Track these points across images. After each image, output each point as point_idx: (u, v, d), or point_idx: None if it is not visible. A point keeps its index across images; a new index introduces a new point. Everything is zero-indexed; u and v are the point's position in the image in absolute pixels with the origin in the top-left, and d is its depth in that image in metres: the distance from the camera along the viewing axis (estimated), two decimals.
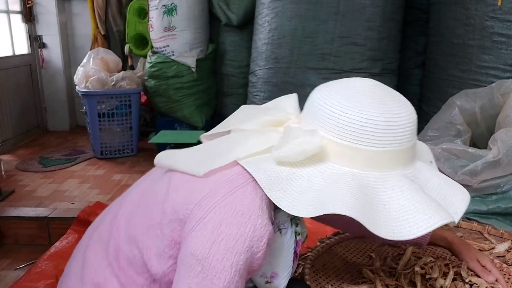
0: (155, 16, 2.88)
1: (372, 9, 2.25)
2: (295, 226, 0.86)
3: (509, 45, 2.04)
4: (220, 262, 0.69)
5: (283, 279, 0.84)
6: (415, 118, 0.75)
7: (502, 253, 1.20)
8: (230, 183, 0.74)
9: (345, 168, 0.72)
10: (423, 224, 0.65)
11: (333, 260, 1.19)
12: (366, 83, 0.77)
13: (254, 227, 0.71)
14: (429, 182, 0.76)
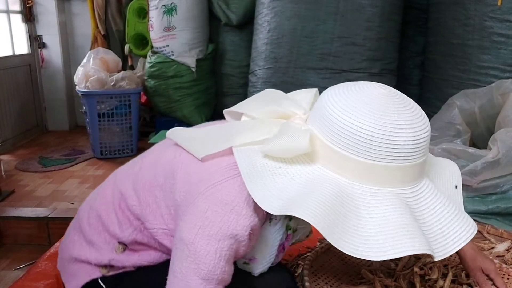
0: (155, 16, 2.88)
1: (371, 9, 2.25)
2: (288, 220, 0.87)
3: (509, 45, 2.05)
4: (204, 247, 0.73)
5: (260, 265, 0.86)
6: (424, 136, 0.70)
7: (502, 252, 1.20)
8: (221, 174, 0.77)
9: (334, 174, 0.71)
10: (391, 250, 0.63)
11: (332, 260, 1.19)
12: (378, 91, 0.72)
13: (238, 216, 0.74)
14: (430, 209, 0.71)
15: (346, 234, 0.64)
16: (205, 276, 0.73)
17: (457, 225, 0.71)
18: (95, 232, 0.92)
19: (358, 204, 0.68)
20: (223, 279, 0.75)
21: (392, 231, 0.64)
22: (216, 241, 0.73)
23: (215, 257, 0.73)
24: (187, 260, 0.74)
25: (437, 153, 1.90)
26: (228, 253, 0.74)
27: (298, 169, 0.73)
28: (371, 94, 0.71)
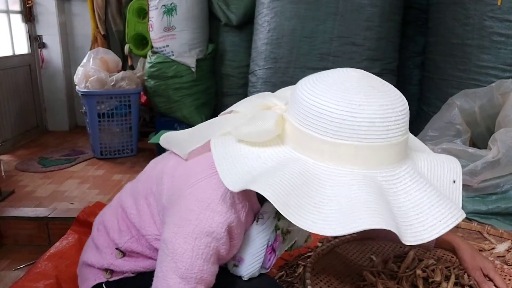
0: (154, 16, 2.88)
1: (371, 9, 2.25)
2: (277, 220, 0.85)
3: (508, 44, 2.04)
4: (181, 246, 0.74)
5: (248, 266, 0.85)
6: (396, 113, 0.67)
7: (502, 253, 1.20)
8: (200, 173, 0.79)
9: (302, 156, 0.70)
10: (349, 224, 0.60)
11: (334, 262, 1.18)
12: (349, 73, 0.72)
13: (213, 213, 0.75)
14: (407, 194, 0.68)
15: (305, 211, 0.63)
16: (183, 275, 0.74)
17: (437, 213, 0.67)
18: (101, 236, 0.97)
19: (323, 184, 0.66)
20: (202, 279, 0.75)
21: (353, 207, 0.62)
22: (193, 239, 0.74)
23: (192, 255, 0.74)
24: (166, 259, 0.76)
25: (437, 153, 1.90)
26: (206, 252, 0.75)
27: (270, 153, 0.73)
28: (340, 76, 0.71)
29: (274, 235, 0.86)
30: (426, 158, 0.77)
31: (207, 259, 0.75)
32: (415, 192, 0.68)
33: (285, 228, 0.88)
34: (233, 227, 0.78)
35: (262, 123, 0.72)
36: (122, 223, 0.93)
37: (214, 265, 0.78)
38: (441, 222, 0.66)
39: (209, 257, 0.76)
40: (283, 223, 0.87)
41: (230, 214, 0.77)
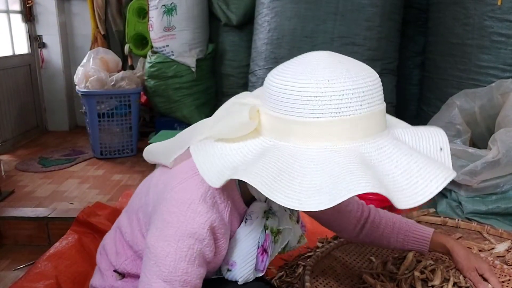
0: (155, 16, 2.88)
1: (371, 9, 2.25)
2: (265, 220, 0.84)
3: (508, 44, 2.04)
4: (164, 249, 0.73)
5: (241, 269, 0.84)
6: (366, 82, 0.67)
7: (502, 253, 1.20)
8: (180, 176, 0.78)
9: (281, 142, 0.69)
10: (338, 194, 0.59)
11: (333, 264, 1.18)
12: (316, 55, 0.71)
13: (194, 214, 0.74)
14: (394, 161, 0.67)
15: (290, 190, 0.62)
16: (167, 278, 0.73)
17: (427, 174, 0.65)
18: (102, 260, 0.98)
19: (306, 164, 0.65)
20: (186, 282, 0.74)
21: (338, 178, 0.61)
22: (175, 241, 0.73)
23: (175, 258, 0.73)
24: (150, 263, 0.75)
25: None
26: (189, 254, 0.74)
27: (250, 146, 0.72)
28: (306, 58, 0.71)
29: (263, 235, 0.84)
30: (409, 131, 0.77)
31: (191, 261, 0.74)
32: (401, 159, 0.67)
33: (275, 227, 0.86)
34: (215, 227, 0.77)
35: (236, 117, 0.72)
36: (119, 245, 0.94)
37: (199, 267, 0.76)
38: (433, 182, 0.65)
39: (193, 259, 0.74)
40: (272, 222, 0.85)
41: (211, 214, 0.75)
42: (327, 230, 1.79)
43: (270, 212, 0.85)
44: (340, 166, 0.63)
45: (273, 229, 0.86)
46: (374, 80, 0.68)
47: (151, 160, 0.92)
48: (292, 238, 0.92)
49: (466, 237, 1.32)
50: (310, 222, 1.90)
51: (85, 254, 1.62)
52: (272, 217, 0.85)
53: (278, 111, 0.69)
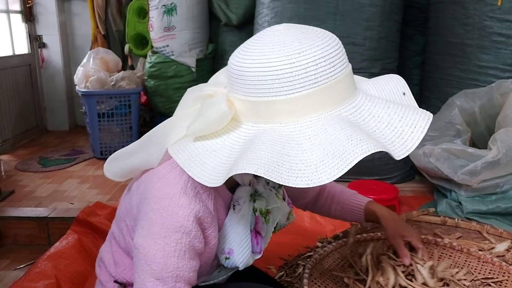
0: (155, 16, 2.88)
1: (371, 9, 2.25)
2: (253, 202, 0.84)
3: (508, 44, 2.04)
4: (152, 247, 0.73)
5: (239, 255, 0.83)
6: (334, 47, 0.68)
7: (502, 252, 1.20)
8: (158, 173, 0.78)
9: (267, 125, 0.69)
10: (343, 163, 0.61)
11: (333, 267, 1.18)
12: (275, 30, 0.71)
13: (177, 208, 0.74)
14: (376, 117, 0.70)
15: (295, 170, 0.62)
16: (158, 276, 0.73)
17: (409, 121, 0.70)
18: (102, 272, 0.97)
19: (300, 140, 0.65)
20: (179, 276, 0.74)
21: (338, 147, 0.63)
22: (162, 238, 0.73)
23: (164, 255, 0.73)
24: (140, 263, 0.75)
25: (437, 153, 1.90)
26: (178, 248, 0.74)
27: (234, 137, 0.72)
28: (268, 36, 0.71)
29: (254, 218, 0.84)
30: (371, 83, 0.80)
31: (181, 255, 0.74)
32: (381, 113, 0.70)
33: (263, 208, 0.86)
34: (201, 217, 0.76)
35: (213, 110, 0.71)
36: (116, 256, 0.93)
37: (191, 260, 0.76)
38: (416, 127, 0.70)
39: (183, 253, 0.74)
40: (260, 203, 0.85)
41: (194, 205, 0.75)
42: (327, 230, 1.79)
43: (257, 195, 0.85)
44: (335, 135, 0.64)
45: (262, 210, 0.85)
46: (338, 43, 0.71)
47: (120, 177, 0.95)
48: (281, 216, 0.92)
49: (465, 237, 1.32)
50: (309, 222, 1.91)
51: (85, 254, 1.62)
52: (259, 198, 0.85)
53: (255, 95, 0.68)
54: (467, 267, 1.13)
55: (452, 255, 1.20)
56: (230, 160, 0.68)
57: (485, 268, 1.14)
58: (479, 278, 1.08)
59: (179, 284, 0.75)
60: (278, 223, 0.92)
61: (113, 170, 0.93)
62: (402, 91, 0.79)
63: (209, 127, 0.71)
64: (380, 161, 2.36)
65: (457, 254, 1.21)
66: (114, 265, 0.93)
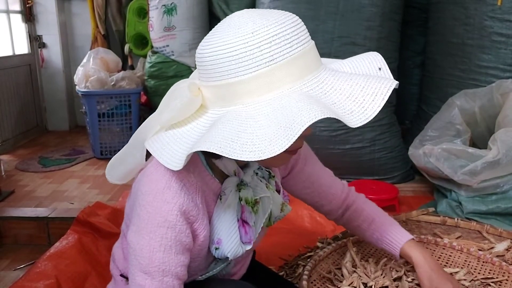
0: (155, 15, 2.88)
1: (371, 8, 2.25)
2: (238, 192, 0.84)
3: (509, 44, 2.04)
4: (139, 242, 0.76)
5: (228, 245, 0.83)
6: (291, 23, 0.69)
7: (502, 252, 1.20)
8: (147, 171, 0.80)
9: (230, 107, 0.70)
10: (295, 127, 0.62)
11: (331, 268, 1.18)
12: (234, 15, 0.73)
13: (161, 203, 0.75)
14: (338, 89, 0.70)
15: (249, 145, 0.63)
16: (145, 269, 0.75)
17: (371, 89, 0.68)
18: (113, 267, 1.00)
19: (258, 118, 0.66)
20: (165, 271, 0.76)
21: (291, 117, 0.64)
22: (147, 233, 0.75)
23: (149, 249, 0.75)
24: (131, 258, 0.78)
25: (437, 153, 1.90)
26: (164, 243, 0.75)
27: (201, 123, 0.74)
28: (227, 21, 0.73)
29: (240, 207, 0.84)
30: (347, 62, 0.80)
31: (166, 250, 0.75)
32: (343, 86, 0.70)
33: (249, 198, 0.85)
34: (186, 210, 0.77)
35: (178, 99, 0.73)
36: (126, 251, 0.94)
37: (178, 255, 0.77)
38: (378, 95, 0.68)
39: (169, 248, 0.75)
40: (245, 192, 0.85)
41: (178, 198, 0.76)
42: (327, 230, 1.79)
43: (242, 184, 0.85)
44: (290, 108, 0.65)
45: (248, 199, 0.85)
46: (296, 21, 0.71)
47: (123, 179, 0.96)
48: (274, 207, 0.90)
49: (465, 236, 1.32)
50: (309, 222, 1.91)
51: (85, 254, 1.62)
52: (244, 188, 0.85)
53: (216, 79, 0.70)
54: (467, 267, 1.13)
55: (452, 255, 1.21)
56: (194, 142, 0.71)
57: (485, 268, 1.14)
58: (478, 278, 1.08)
59: (166, 279, 0.76)
60: (271, 215, 0.91)
61: (115, 175, 0.96)
62: (378, 67, 0.78)
63: (177, 115, 0.73)
64: (380, 161, 2.36)
65: (457, 254, 1.21)
66: (123, 260, 0.96)
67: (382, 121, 2.34)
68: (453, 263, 1.17)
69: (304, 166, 1.03)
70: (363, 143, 2.31)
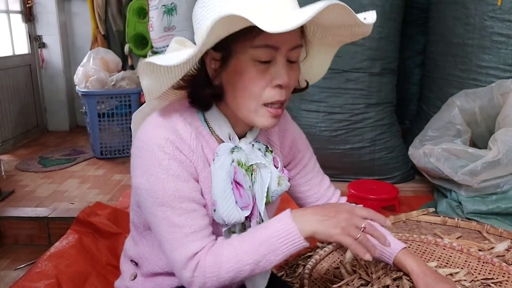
0: (155, 16, 2.88)
1: (371, 8, 2.24)
2: (230, 153, 0.84)
3: (509, 44, 2.04)
4: (148, 179, 0.79)
5: (223, 207, 0.82)
6: None
7: (502, 252, 1.20)
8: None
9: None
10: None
11: (331, 268, 1.18)
12: None
13: (153, 131, 0.80)
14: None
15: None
16: (162, 201, 0.78)
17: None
18: (123, 260, 1.01)
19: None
20: (181, 197, 0.78)
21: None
22: (153, 168, 0.78)
23: (160, 182, 0.78)
24: (145, 198, 0.80)
25: (438, 153, 1.90)
26: (171, 173, 0.78)
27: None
28: None
29: (232, 169, 0.84)
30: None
31: (175, 179, 0.78)
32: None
33: (242, 160, 0.85)
34: (175, 142, 0.79)
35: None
36: (135, 236, 0.96)
37: (190, 182, 0.80)
38: (305, 13, 0.68)
39: (177, 176, 0.78)
40: (238, 155, 0.84)
41: (168, 134, 0.79)
42: None
43: (235, 148, 0.85)
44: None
45: (240, 161, 0.84)
46: None
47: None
48: (271, 181, 0.89)
49: (466, 236, 1.32)
50: None
51: (85, 254, 1.62)
52: (237, 151, 0.85)
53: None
54: (467, 268, 1.13)
55: (452, 256, 1.21)
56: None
57: (485, 269, 1.14)
58: (479, 279, 1.08)
59: (185, 204, 0.79)
60: (269, 189, 0.89)
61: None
62: (363, 17, 0.87)
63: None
64: (380, 161, 2.36)
65: (457, 255, 1.21)
66: (134, 245, 0.97)
67: (382, 121, 2.34)
68: (453, 263, 1.17)
69: (308, 164, 1.04)
70: (363, 143, 2.31)
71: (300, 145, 1.03)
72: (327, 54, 0.94)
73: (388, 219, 0.89)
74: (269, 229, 0.79)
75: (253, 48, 0.75)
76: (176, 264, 0.79)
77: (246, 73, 0.77)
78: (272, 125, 0.82)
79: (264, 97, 0.78)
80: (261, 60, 0.76)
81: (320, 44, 0.90)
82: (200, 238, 0.79)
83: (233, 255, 0.78)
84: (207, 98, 0.83)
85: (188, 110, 0.85)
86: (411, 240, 1.28)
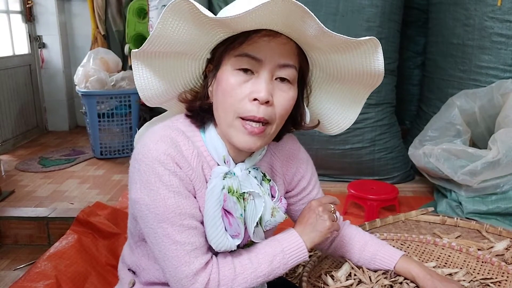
0: (155, 16, 2.88)
1: (371, 9, 2.25)
2: (222, 179, 0.82)
3: (509, 45, 2.05)
4: (148, 194, 0.77)
5: (212, 235, 0.80)
6: None
7: (501, 251, 1.20)
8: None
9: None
10: None
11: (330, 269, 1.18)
12: None
13: (155, 151, 0.78)
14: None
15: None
16: (162, 218, 0.77)
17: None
18: (121, 268, 1.00)
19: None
20: (182, 213, 0.77)
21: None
22: (154, 183, 0.77)
23: (161, 198, 0.76)
24: (145, 214, 0.78)
25: (437, 153, 1.90)
26: (172, 190, 0.77)
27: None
28: None
29: (222, 195, 0.81)
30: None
31: (176, 195, 0.77)
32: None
33: (234, 187, 0.82)
34: (175, 157, 0.78)
35: None
36: (132, 244, 0.95)
37: (190, 198, 0.79)
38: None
39: (178, 193, 0.77)
40: (229, 181, 0.82)
41: (169, 149, 0.78)
42: None
43: (229, 173, 0.83)
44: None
45: (232, 188, 0.81)
46: None
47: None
48: (265, 211, 0.86)
49: (465, 236, 1.32)
50: None
51: (85, 254, 1.62)
52: (230, 176, 0.83)
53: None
54: (466, 267, 1.13)
55: (451, 255, 1.21)
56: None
57: (484, 268, 1.14)
58: (478, 279, 1.08)
59: (186, 221, 0.78)
60: (262, 218, 0.86)
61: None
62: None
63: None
64: (380, 161, 2.36)
65: (456, 254, 1.21)
66: (131, 254, 0.95)
67: (382, 121, 2.34)
68: (452, 263, 1.17)
69: (311, 191, 1.03)
70: (363, 144, 2.31)
71: (306, 173, 1.01)
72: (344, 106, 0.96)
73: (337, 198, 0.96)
74: (282, 243, 0.84)
75: (235, 57, 0.77)
76: (181, 281, 0.78)
77: (226, 82, 0.77)
78: (248, 144, 0.79)
79: (240, 109, 0.76)
80: (241, 68, 0.76)
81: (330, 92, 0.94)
82: (201, 254, 0.79)
83: (249, 266, 0.80)
84: (199, 112, 0.84)
85: (191, 127, 0.85)
86: (410, 240, 1.28)
